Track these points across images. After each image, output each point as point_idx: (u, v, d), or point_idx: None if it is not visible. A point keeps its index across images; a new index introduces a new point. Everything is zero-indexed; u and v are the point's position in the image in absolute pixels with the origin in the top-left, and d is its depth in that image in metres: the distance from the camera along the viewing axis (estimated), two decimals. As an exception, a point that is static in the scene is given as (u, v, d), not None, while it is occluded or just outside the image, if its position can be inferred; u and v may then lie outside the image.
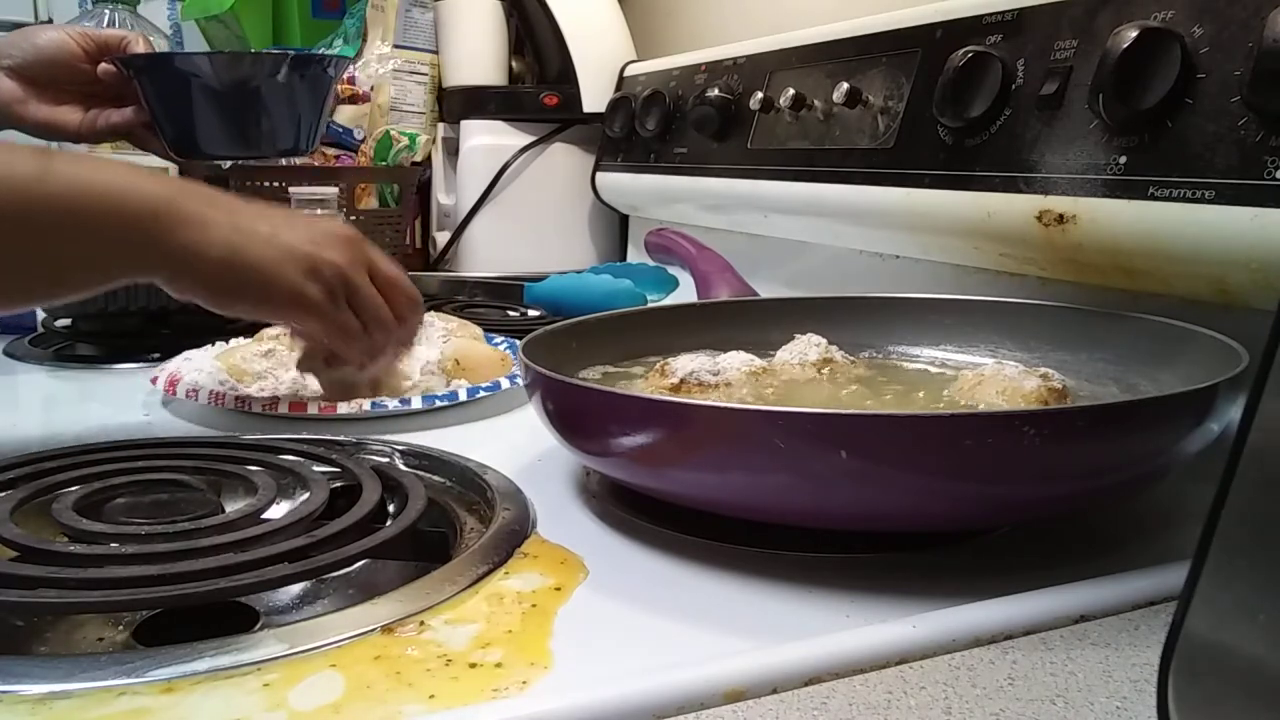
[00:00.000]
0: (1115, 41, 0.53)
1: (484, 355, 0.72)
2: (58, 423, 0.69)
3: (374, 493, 0.48)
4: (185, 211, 0.54)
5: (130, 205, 0.53)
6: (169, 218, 0.53)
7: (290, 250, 0.57)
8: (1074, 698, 0.32)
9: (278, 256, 0.56)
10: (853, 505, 0.41)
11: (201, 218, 0.54)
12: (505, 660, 0.35)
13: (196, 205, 0.55)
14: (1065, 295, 0.63)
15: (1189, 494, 0.48)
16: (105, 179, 0.52)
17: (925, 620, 0.36)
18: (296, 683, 0.33)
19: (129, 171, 0.54)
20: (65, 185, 0.51)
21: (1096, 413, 0.41)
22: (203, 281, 0.55)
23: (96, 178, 0.52)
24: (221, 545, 0.42)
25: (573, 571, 0.42)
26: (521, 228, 1.30)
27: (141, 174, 0.54)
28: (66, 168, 0.51)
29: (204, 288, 0.56)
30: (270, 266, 0.56)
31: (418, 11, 1.36)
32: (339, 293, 0.59)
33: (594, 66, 1.26)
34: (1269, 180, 0.48)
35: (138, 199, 0.53)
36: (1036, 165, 0.61)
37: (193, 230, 0.54)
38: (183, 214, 0.54)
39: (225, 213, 0.56)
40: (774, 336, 0.62)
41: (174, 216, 0.54)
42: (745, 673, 0.33)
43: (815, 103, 0.84)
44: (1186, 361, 0.50)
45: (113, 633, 0.42)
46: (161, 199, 0.53)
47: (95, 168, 0.53)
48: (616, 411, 0.44)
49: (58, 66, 0.81)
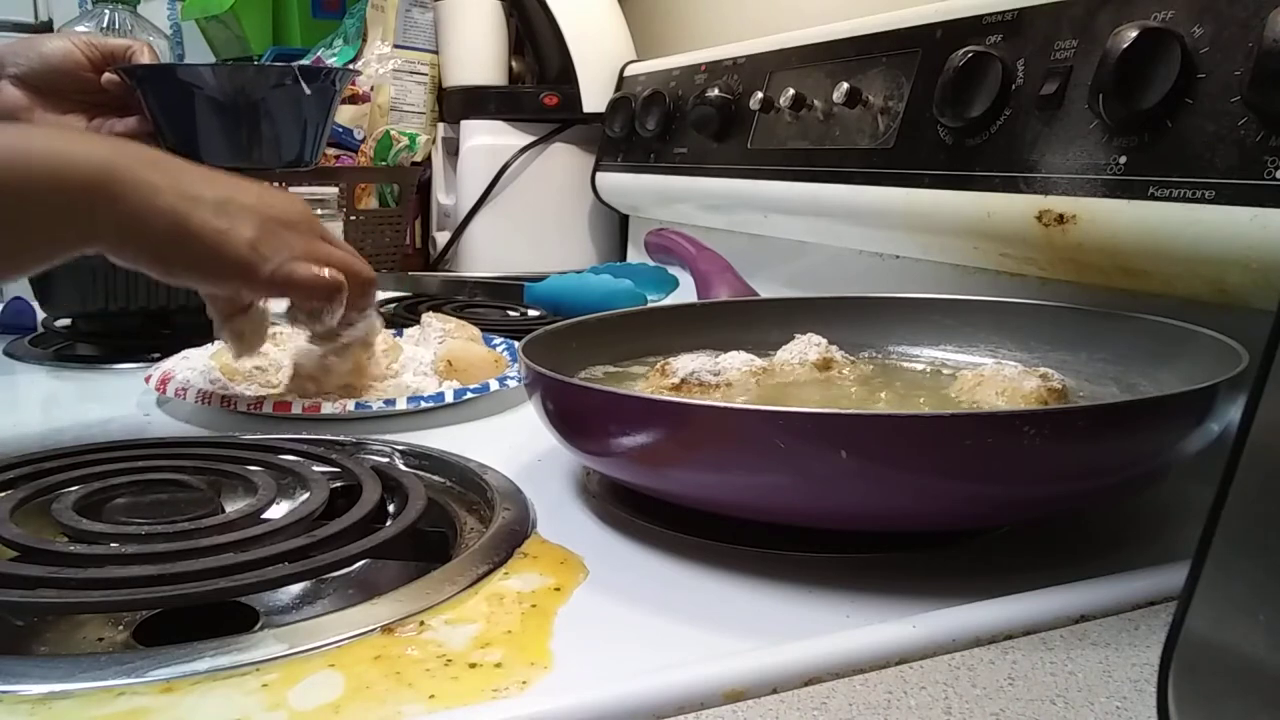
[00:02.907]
0: (1115, 41, 0.54)
1: (477, 356, 0.72)
2: (58, 423, 0.69)
3: (374, 493, 0.48)
4: (127, 178, 0.51)
5: (68, 174, 0.50)
6: (111, 184, 0.50)
7: (238, 218, 0.54)
8: (1074, 698, 0.32)
9: (226, 225, 0.53)
10: (853, 505, 0.41)
11: (145, 182, 0.51)
12: (505, 660, 0.35)
13: (139, 170, 0.52)
14: (1065, 295, 0.63)
15: (1189, 494, 0.48)
16: (39, 147, 0.49)
17: (925, 620, 0.36)
18: (296, 683, 0.33)
19: (62, 137, 0.51)
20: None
21: (1096, 413, 0.41)
22: (148, 251, 0.53)
23: (30, 145, 0.49)
24: (221, 545, 0.42)
25: (573, 571, 0.42)
26: (521, 228, 1.30)
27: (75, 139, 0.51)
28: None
29: (149, 257, 0.53)
30: (218, 235, 0.53)
31: (418, 11, 1.36)
32: (288, 254, 0.56)
33: (594, 66, 1.26)
34: (1269, 180, 0.48)
35: (76, 167, 0.50)
36: (1036, 165, 0.61)
37: (137, 197, 0.51)
38: (125, 180, 0.51)
39: (170, 176, 0.53)
40: (774, 336, 0.62)
41: (116, 183, 0.51)
42: (745, 673, 0.33)
43: (815, 103, 0.84)
44: (1186, 361, 0.50)
45: (113, 633, 0.42)
46: (101, 165, 0.50)
47: (28, 138, 0.50)
48: (617, 411, 0.44)
49: (63, 75, 0.81)
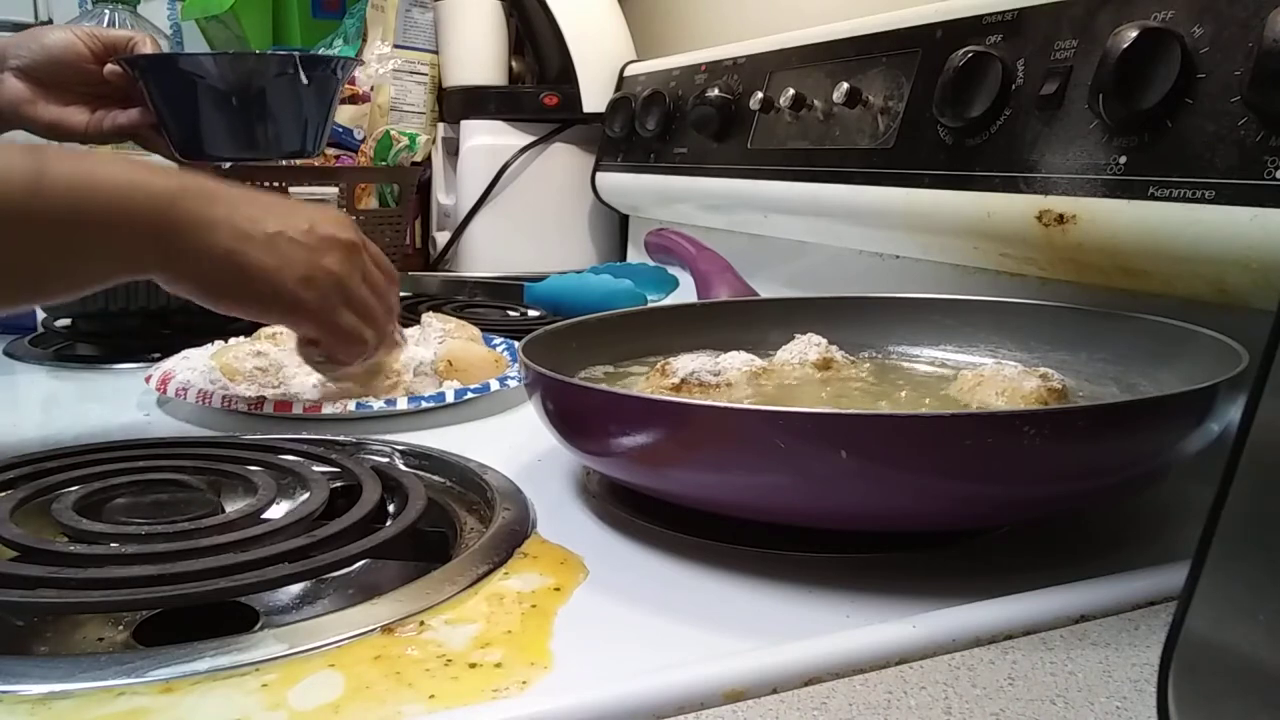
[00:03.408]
0: (1115, 41, 0.53)
1: (477, 356, 0.72)
2: (58, 423, 0.69)
3: (374, 493, 0.48)
4: (188, 213, 0.54)
5: (133, 207, 0.52)
6: (172, 221, 0.53)
7: (289, 256, 0.57)
8: (1074, 698, 0.32)
9: (277, 264, 0.56)
10: (853, 505, 0.41)
11: (204, 219, 0.54)
12: (505, 660, 0.35)
13: (199, 205, 0.54)
14: (1065, 295, 0.63)
15: (1189, 494, 0.48)
16: (107, 178, 0.52)
17: (925, 620, 0.36)
18: (296, 683, 0.33)
19: (129, 168, 0.53)
20: (66, 187, 0.50)
21: (1096, 413, 0.41)
22: (200, 284, 0.56)
23: (98, 177, 0.51)
24: (221, 545, 0.42)
25: (573, 571, 0.42)
26: (521, 228, 1.30)
27: (140, 170, 0.53)
28: (64, 167, 0.51)
29: (201, 290, 0.56)
30: (269, 274, 0.56)
31: (418, 11, 1.36)
32: (334, 300, 0.59)
33: (594, 66, 1.26)
34: (1269, 180, 0.48)
35: (140, 201, 0.52)
36: (1036, 165, 0.61)
37: (195, 233, 0.54)
38: (186, 216, 0.53)
39: (227, 211, 0.55)
40: (774, 336, 0.62)
41: (177, 219, 0.53)
42: (745, 673, 0.33)
43: (815, 103, 0.84)
44: (1186, 361, 0.50)
45: (113, 633, 0.42)
46: (164, 200, 0.53)
47: (94, 167, 0.52)
48: (617, 411, 0.44)
49: (65, 67, 0.81)
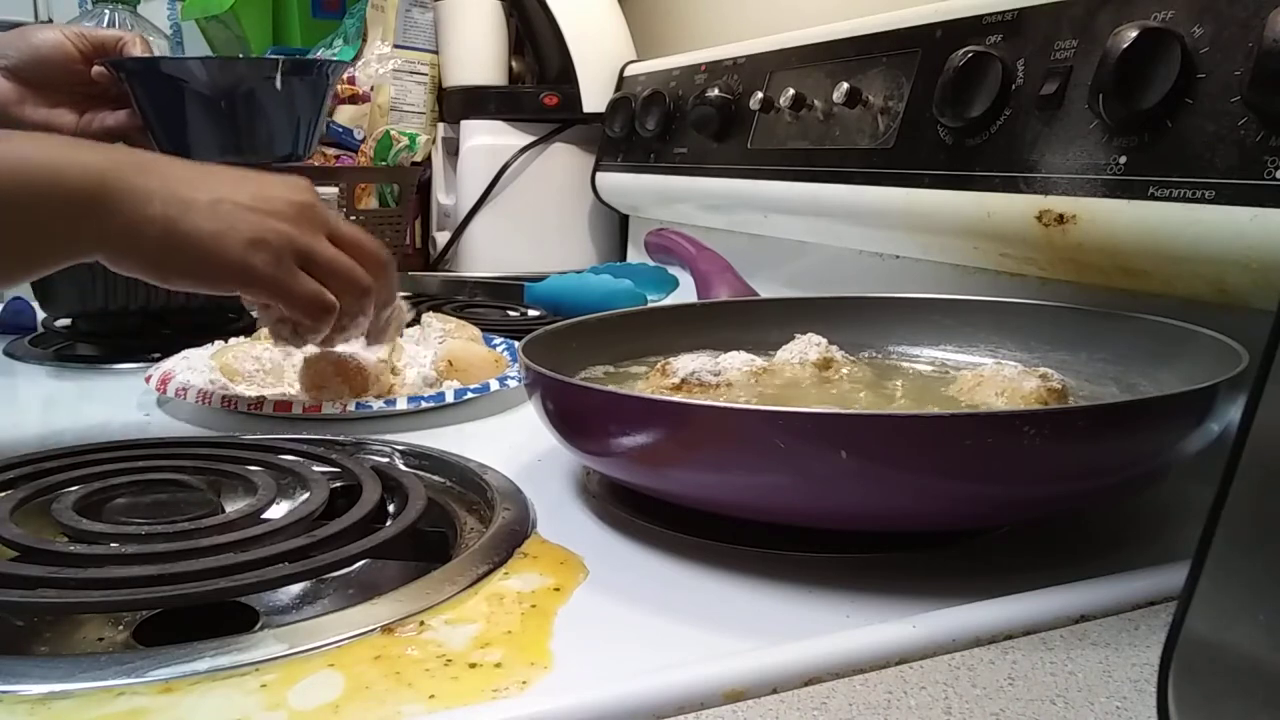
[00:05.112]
0: (1115, 41, 0.53)
1: (477, 356, 0.72)
2: (58, 423, 0.69)
3: (374, 493, 0.48)
4: (121, 186, 0.51)
5: (63, 184, 0.50)
6: (104, 195, 0.51)
7: (233, 221, 0.53)
8: (1074, 698, 0.32)
9: (218, 228, 0.53)
10: (853, 505, 0.41)
11: (138, 190, 0.51)
12: (505, 660, 0.35)
13: (132, 176, 0.52)
14: (1065, 295, 0.63)
15: (1189, 494, 0.48)
16: (36, 157, 0.49)
17: (925, 620, 0.36)
18: (296, 683, 0.33)
19: (58, 146, 0.51)
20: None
21: (1096, 413, 0.41)
22: (143, 260, 0.53)
23: (27, 157, 0.49)
24: (221, 545, 0.42)
25: (572, 572, 0.42)
26: (521, 228, 1.30)
27: (70, 148, 0.51)
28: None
29: (145, 265, 0.53)
30: (213, 240, 0.53)
31: (418, 11, 1.36)
32: (288, 262, 0.55)
33: (594, 66, 1.26)
34: (1269, 180, 0.48)
35: (71, 178, 0.50)
36: (1036, 165, 0.61)
37: (131, 206, 0.51)
38: (118, 189, 0.51)
39: (162, 180, 0.52)
40: (774, 336, 0.62)
41: (109, 192, 0.51)
42: (745, 673, 0.33)
43: (815, 103, 0.84)
44: (1186, 361, 0.50)
45: (113, 633, 0.42)
46: (94, 176, 0.50)
47: (22, 147, 0.50)
48: (617, 411, 0.44)
49: (53, 68, 0.80)
